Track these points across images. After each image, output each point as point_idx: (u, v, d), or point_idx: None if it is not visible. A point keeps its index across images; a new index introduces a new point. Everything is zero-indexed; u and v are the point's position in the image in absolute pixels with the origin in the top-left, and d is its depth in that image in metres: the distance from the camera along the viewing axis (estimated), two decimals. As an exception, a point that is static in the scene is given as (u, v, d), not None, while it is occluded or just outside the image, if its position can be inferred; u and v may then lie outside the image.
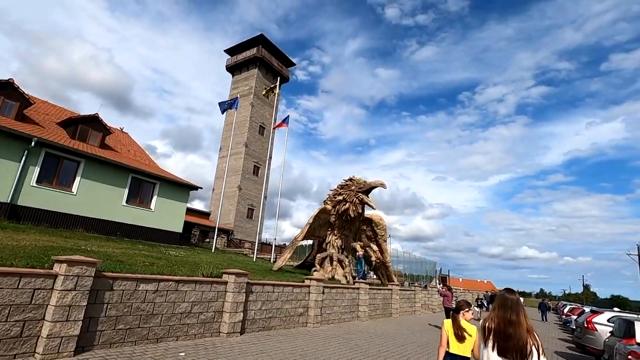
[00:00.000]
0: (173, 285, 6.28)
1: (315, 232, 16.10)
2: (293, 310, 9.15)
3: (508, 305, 2.64)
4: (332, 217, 16.06)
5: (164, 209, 19.13)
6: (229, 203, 41.08)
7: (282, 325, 8.72)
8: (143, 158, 23.33)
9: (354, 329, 10.39)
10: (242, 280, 7.45)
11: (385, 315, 14.26)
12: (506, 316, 2.58)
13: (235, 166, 42.35)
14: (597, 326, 9.42)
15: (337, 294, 11.15)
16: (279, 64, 47.50)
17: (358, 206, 15.24)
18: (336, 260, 15.41)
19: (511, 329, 2.51)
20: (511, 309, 2.60)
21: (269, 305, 8.39)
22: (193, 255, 14.27)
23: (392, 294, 14.94)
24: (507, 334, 2.51)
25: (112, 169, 16.93)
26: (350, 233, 16.70)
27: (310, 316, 9.61)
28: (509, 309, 2.61)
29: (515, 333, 2.49)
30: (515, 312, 2.57)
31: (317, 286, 9.86)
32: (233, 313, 7.17)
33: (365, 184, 15.33)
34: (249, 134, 43.29)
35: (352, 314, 11.92)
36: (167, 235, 19.18)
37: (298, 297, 9.36)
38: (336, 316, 10.99)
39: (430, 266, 43.05)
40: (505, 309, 2.63)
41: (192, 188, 20.96)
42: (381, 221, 17.17)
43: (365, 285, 12.61)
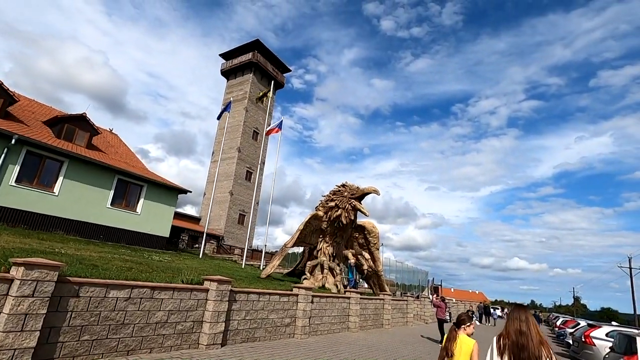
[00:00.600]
0: (148, 292, 5.80)
1: (306, 238, 15.66)
2: (279, 321, 8.68)
3: (518, 318, 2.76)
4: (323, 224, 15.65)
5: (151, 212, 18.54)
6: (220, 208, 40.42)
7: (267, 336, 8.24)
8: (132, 160, 22.75)
9: (343, 340, 9.93)
10: (225, 288, 6.98)
11: (377, 326, 13.80)
12: (518, 328, 2.69)
13: (228, 171, 41.78)
14: (596, 341, 9.07)
15: (327, 304, 10.69)
16: (274, 70, 47.36)
17: (350, 213, 14.86)
18: (327, 268, 14.96)
19: (523, 339, 2.62)
20: (521, 321, 2.72)
21: (254, 314, 7.92)
22: (178, 260, 13.72)
23: (383, 304, 14.50)
24: (520, 345, 2.61)
25: (97, 169, 16.36)
26: (342, 240, 16.28)
27: (297, 327, 9.14)
28: (518, 321, 2.73)
29: (528, 344, 2.58)
30: (526, 324, 2.68)
31: (305, 295, 9.40)
32: (214, 323, 6.69)
33: (358, 190, 14.98)
34: (242, 139, 42.85)
35: (342, 325, 11.45)
36: (153, 239, 18.56)
37: (285, 306, 8.90)
38: (325, 327, 10.51)
39: (422, 276, 42.71)
40: (515, 322, 2.75)
41: (181, 192, 20.41)
42: (374, 229, 16.79)
43: (357, 295, 12.17)
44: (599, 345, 8.87)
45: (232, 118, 44.47)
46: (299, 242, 15.44)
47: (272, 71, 46.77)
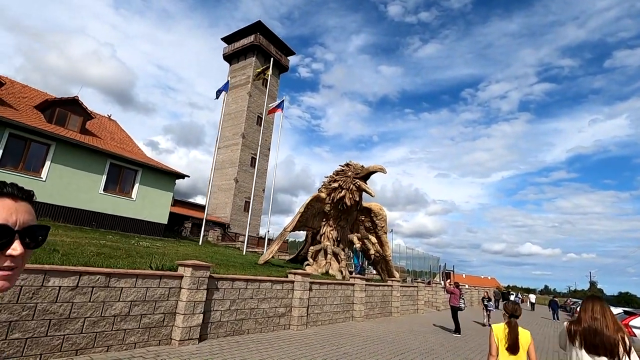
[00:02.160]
0: (102, 279, 4.84)
1: (309, 222, 14.65)
2: (272, 311, 7.71)
3: (592, 310, 2.68)
4: (326, 207, 14.59)
5: (147, 198, 17.75)
6: (225, 196, 39.75)
7: (257, 328, 7.29)
8: (129, 146, 21.92)
9: (346, 331, 8.95)
10: (202, 274, 6.00)
11: (385, 314, 12.81)
12: (591, 315, 2.64)
13: (232, 158, 40.93)
14: (636, 331, 7.89)
15: (328, 291, 9.70)
16: (277, 52, 45.85)
17: (355, 193, 13.74)
18: (331, 254, 13.95)
19: (597, 324, 2.57)
20: (594, 311, 2.65)
21: (241, 304, 6.95)
22: (172, 247, 12.87)
23: (392, 291, 13.48)
24: (593, 330, 2.57)
25: (87, 153, 15.53)
26: (347, 224, 15.22)
27: (293, 317, 8.17)
28: (591, 312, 2.67)
29: (603, 329, 2.53)
30: (601, 313, 2.62)
31: (302, 282, 8.40)
32: (189, 315, 5.73)
33: (363, 169, 13.82)
34: (246, 124, 41.80)
35: (346, 314, 10.47)
36: (150, 226, 17.81)
37: (279, 294, 7.92)
38: (327, 316, 9.54)
39: (433, 262, 41.62)
40: (588, 312, 2.69)
41: (179, 176, 19.55)
42: (381, 211, 15.67)
43: (361, 281, 11.15)
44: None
45: (235, 104, 43.38)
46: (300, 226, 14.45)
47: (275, 54, 45.24)
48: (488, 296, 14.08)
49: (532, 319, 21.77)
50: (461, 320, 11.51)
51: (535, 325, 18.01)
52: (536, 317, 24.43)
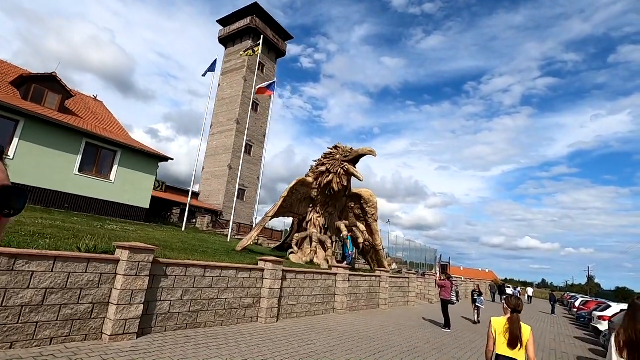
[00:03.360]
0: (4, 262, 3.96)
1: (294, 208, 13.78)
2: (237, 302, 6.87)
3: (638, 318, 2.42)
4: (313, 192, 13.71)
5: (128, 181, 16.86)
6: (218, 182, 38.90)
7: (217, 321, 6.45)
8: (113, 128, 20.93)
9: (323, 325, 8.13)
10: (144, 259, 5.12)
11: (371, 306, 12.01)
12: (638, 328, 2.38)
13: (226, 144, 39.94)
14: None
15: (306, 281, 8.86)
16: (274, 36, 44.43)
17: (343, 178, 12.83)
18: (316, 241, 13.11)
19: None
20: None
21: (197, 294, 6.09)
22: (144, 231, 12.01)
23: (380, 282, 12.66)
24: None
25: (60, 132, 14.58)
26: (335, 210, 14.35)
27: (262, 309, 7.34)
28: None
29: None
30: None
31: (273, 270, 7.54)
32: (125, 306, 4.87)
33: (351, 152, 12.88)
34: (241, 109, 40.66)
35: (327, 306, 9.65)
36: (130, 210, 16.96)
37: (245, 283, 7.07)
38: (303, 308, 8.72)
39: (430, 254, 41.04)
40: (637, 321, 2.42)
41: (162, 159, 18.62)
42: (371, 198, 14.78)
43: (345, 270, 10.31)
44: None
45: (230, 88, 42.19)
46: (285, 212, 13.58)
47: (272, 38, 43.87)
48: (479, 290, 13.12)
49: (530, 313, 21.07)
50: (451, 315, 10.69)
51: (532, 320, 17.28)
52: (534, 311, 23.75)
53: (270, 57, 44.77)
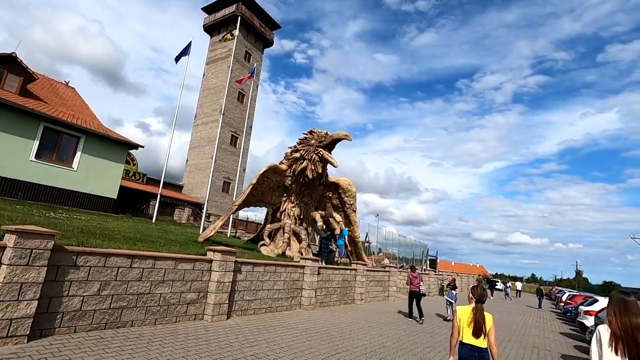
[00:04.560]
0: None
1: (266, 197, 12.89)
2: (176, 297, 5.99)
3: (632, 310, 2.41)
4: (287, 180, 12.83)
5: (92, 169, 15.80)
6: (202, 175, 37.80)
7: (149, 319, 5.57)
8: (82, 114, 19.73)
9: (283, 322, 7.30)
10: (37, 245, 4.20)
11: (345, 301, 11.23)
12: (632, 321, 2.36)
13: (211, 135, 38.75)
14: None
15: (266, 274, 8.01)
16: (261, 25, 43.16)
17: (317, 165, 11.97)
18: (289, 232, 12.26)
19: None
20: (636, 313, 2.39)
21: (121, 288, 5.20)
22: (98, 221, 11.04)
23: (355, 276, 11.86)
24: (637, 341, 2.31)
25: (13, 114, 13.48)
26: (312, 200, 13.49)
27: (209, 305, 6.47)
28: (632, 313, 2.38)
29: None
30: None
31: (222, 261, 6.67)
32: (9, 303, 3.97)
33: (327, 137, 12.02)
34: (226, 100, 39.22)
35: (292, 301, 8.83)
36: (95, 200, 15.92)
37: (187, 276, 6.19)
38: (263, 304, 7.88)
39: (421, 249, 40.59)
40: (629, 313, 2.40)
41: (132, 147, 17.58)
42: (350, 187, 13.97)
43: (313, 263, 9.48)
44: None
45: (216, 78, 40.94)
46: (256, 201, 12.68)
47: (259, 26, 42.61)
48: (453, 283, 12.26)
49: (517, 308, 20.56)
50: (425, 310, 9.96)
51: (519, 315, 16.72)
52: (521, 305, 23.28)
53: (257, 47, 43.55)
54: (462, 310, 3.50)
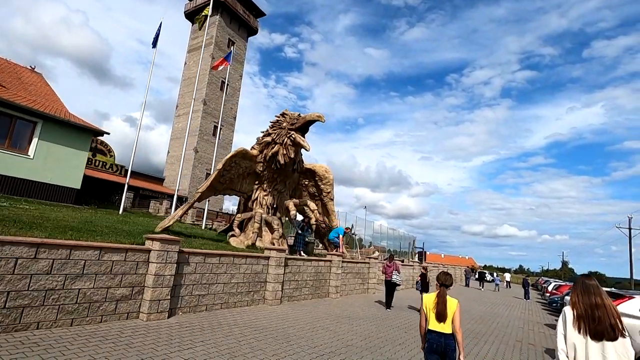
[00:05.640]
0: None
1: (236, 185, 12.00)
2: (100, 293, 5.10)
3: (591, 291, 2.66)
4: (259, 166, 11.94)
5: (52, 157, 14.65)
6: (184, 167, 36.48)
7: (62, 320, 4.68)
8: (47, 100, 18.41)
9: (239, 320, 6.48)
10: None
11: (318, 295, 10.46)
12: (592, 301, 2.61)
13: (192, 126, 37.46)
14: (625, 320, 5.73)
15: (221, 265, 7.15)
16: (245, 12, 41.75)
17: (290, 149, 11.10)
18: (259, 222, 11.41)
19: (599, 312, 2.55)
20: (595, 294, 2.63)
21: (20, 283, 4.30)
22: (48, 212, 10.03)
23: (330, 267, 11.09)
24: (595, 318, 2.54)
25: (-44, 95, 12.23)
26: (286, 188, 12.64)
27: (145, 302, 5.60)
28: (592, 294, 2.64)
29: (604, 316, 2.53)
30: (600, 296, 2.61)
31: (162, 251, 5.78)
32: None
33: (299, 119, 11.14)
34: (208, 89, 38.19)
35: (254, 296, 8.00)
36: (55, 191, 14.79)
37: (117, 269, 5.30)
38: (217, 299, 7.04)
39: (409, 241, 40.23)
40: (589, 294, 2.65)
41: (97, 133, 16.44)
42: (327, 174, 13.15)
43: (279, 254, 8.65)
44: (631, 328, 5.52)
45: (197, 66, 39.40)
46: (225, 188, 11.78)
47: (242, 13, 41.20)
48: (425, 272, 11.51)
49: (504, 299, 20.15)
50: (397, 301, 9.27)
51: (503, 307, 16.22)
52: (508, 297, 22.91)
53: (241, 34, 42.17)
54: (427, 297, 3.48)
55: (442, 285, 3.45)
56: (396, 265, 10.74)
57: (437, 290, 3.48)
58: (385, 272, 10.92)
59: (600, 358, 2.52)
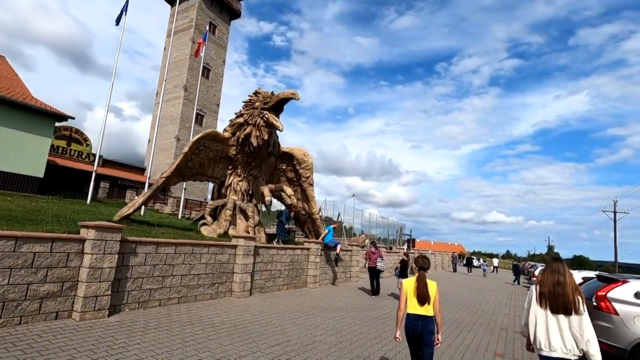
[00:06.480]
0: None
1: (206, 170, 11.21)
2: (19, 290, 4.34)
3: (556, 270, 2.92)
4: (232, 150, 11.16)
5: (9, 144, 13.58)
6: (165, 156, 35.43)
7: (-35, 323, 3.92)
8: (10, 84, 17.14)
9: (194, 316, 5.80)
10: None
11: (295, 285, 9.84)
12: (555, 278, 2.87)
13: (173, 113, 36.22)
14: (618, 306, 5.14)
15: (178, 256, 6.42)
16: (227, -6, 40.05)
17: (263, 130, 10.32)
18: (231, 209, 10.69)
19: (559, 289, 2.82)
20: (559, 273, 2.90)
21: None
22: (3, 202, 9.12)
23: (308, 256, 10.46)
24: (557, 294, 2.82)
25: None
26: (262, 173, 11.89)
27: (78, 298, 4.86)
28: (557, 273, 2.90)
29: (563, 292, 2.80)
30: (563, 275, 2.87)
31: (100, 240, 5.02)
32: None
33: (272, 97, 10.34)
34: (189, 75, 36.79)
35: (219, 288, 7.32)
36: (15, 180, 13.79)
37: (40, 262, 4.53)
38: (173, 293, 6.33)
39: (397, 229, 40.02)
40: (554, 274, 2.91)
41: (60, 118, 15.35)
42: (305, 157, 12.40)
43: (248, 242, 7.95)
44: (624, 315, 4.99)
45: (177, 51, 37.94)
46: (194, 174, 11.00)
47: (224, -5, 39.51)
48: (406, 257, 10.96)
49: (492, 284, 19.92)
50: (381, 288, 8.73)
51: (490, 292, 15.91)
52: (498, 282, 22.75)
53: (223, 18, 40.59)
54: (407, 281, 3.51)
55: (420, 268, 3.48)
56: (380, 252, 10.41)
57: (416, 274, 3.50)
58: (369, 258, 10.58)
59: (557, 330, 2.79)
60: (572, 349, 2.71)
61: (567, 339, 2.72)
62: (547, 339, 2.78)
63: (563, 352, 2.72)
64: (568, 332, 2.73)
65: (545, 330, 2.80)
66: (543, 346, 2.80)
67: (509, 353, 5.91)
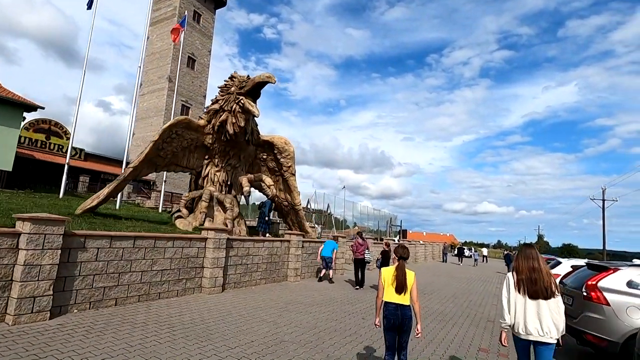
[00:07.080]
0: None
1: (180, 160, 10.59)
2: None
3: (530, 257, 3.05)
4: (207, 138, 10.56)
5: (-27, 135, 12.79)
6: (150, 149, 34.45)
7: None
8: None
9: (148, 315, 5.30)
10: None
11: (274, 279, 9.38)
12: (530, 265, 3.00)
13: (157, 105, 35.24)
14: (610, 296, 4.77)
15: (138, 250, 5.88)
16: (211, -19, 38.84)
17: (239, 116, 9.74)
18: (207, 200, 10.13)
19: (535, 274, 2.94)
20: (533, 259, 3.02)
21: None
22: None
23: (289, 248, 9.99)
24: (533, 279, 2.93)
25: None
26: (240, 163, 11.34)
27: (12, 300, 4.32)
28: (531, 259, 3.03)
29: (539, 277, 2.92)
30: (537, 261, 3.01)
31: (36, 234, 4.46)
32: None
33: (248, 81, 9.74)
34: (173, 65, 35.67)
35: (187, 284, 6.81)
36: (-19, 174, 13.01)
37: (-38, 259, 3.96)
38: (132, 291, 5.81)
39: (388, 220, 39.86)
40: (529, 260, 3.03)
41: (29, 108, 14.53)
42: (286, 146, 11.86)
43: (219, 234, 7.43)
44: (615, 305, 4.62)
45: (161, 41, 36.79)
46: (167, 164, 10.35)
47: (208, -18, 38.31)
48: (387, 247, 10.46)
49: (482, 274, 19.75)
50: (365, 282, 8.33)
51: (479, 282, 15.68)
52: (487, 272, 22.62)
53: (208, 6, 39.42)
54: (386, 270, 3.55)
55: (400, 258, 3.55)
56: (367, 244, 10.11)
57: (395, 263, 3.55)
58: (356, 250, 10.20)
59: (536, 314, 2.90)
60: (548, 332, 2.84)
61: (544, 322, 2.85)
62: (524, 323, 2.91)
63: (539, 334, 2.86)
64: (547, 316, 2.84)
65: (523, 315, 2.92)
66: (520, 330, 2.94)
67: (494, 347, 5.53)
